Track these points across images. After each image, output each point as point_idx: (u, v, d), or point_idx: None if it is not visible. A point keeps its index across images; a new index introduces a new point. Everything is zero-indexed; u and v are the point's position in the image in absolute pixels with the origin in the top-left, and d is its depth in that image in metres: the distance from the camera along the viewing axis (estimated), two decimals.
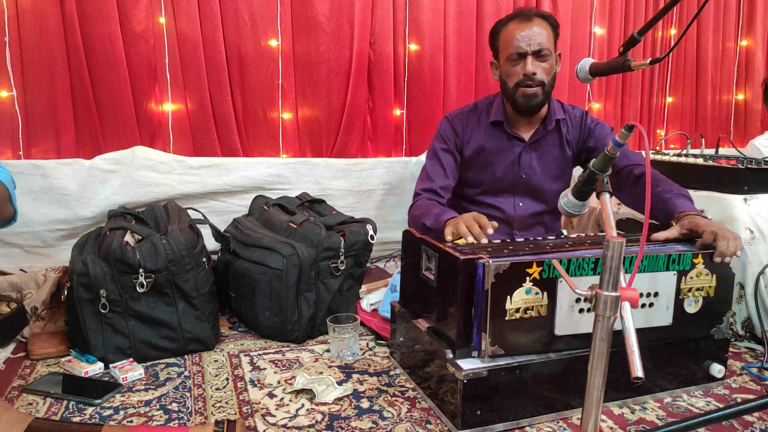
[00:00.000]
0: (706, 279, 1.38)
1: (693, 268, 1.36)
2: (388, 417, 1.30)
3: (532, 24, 1.72)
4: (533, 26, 1.71)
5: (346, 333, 1.59)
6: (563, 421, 1.30)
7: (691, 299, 1.37)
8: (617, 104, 2.93)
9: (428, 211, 1.71)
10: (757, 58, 3.18)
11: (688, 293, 1.37)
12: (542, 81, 1.73)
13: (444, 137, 1.89)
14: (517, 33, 1.72)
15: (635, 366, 0.89)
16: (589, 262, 1.25)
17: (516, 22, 1.75)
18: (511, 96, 1.77)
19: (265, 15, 2.17)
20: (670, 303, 1.35)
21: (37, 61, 1.91)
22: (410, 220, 1.86)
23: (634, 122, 1.04)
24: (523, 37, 1.71)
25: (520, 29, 1.72)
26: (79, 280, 1.50)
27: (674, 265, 1.34)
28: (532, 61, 1.72)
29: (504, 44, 1.77)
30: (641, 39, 1.28)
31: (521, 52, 1.72)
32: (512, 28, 1.75)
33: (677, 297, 1.36)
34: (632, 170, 1.70)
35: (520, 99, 1.75)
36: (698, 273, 1.36)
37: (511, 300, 1.21)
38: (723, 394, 1.44)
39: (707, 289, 1.38)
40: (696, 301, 1.38)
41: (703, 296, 1.38)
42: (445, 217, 1.60)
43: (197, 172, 2.08)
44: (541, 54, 1.72)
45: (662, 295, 1.34)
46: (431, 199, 1.82)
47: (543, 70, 1.73)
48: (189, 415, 1.30)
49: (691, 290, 1.37)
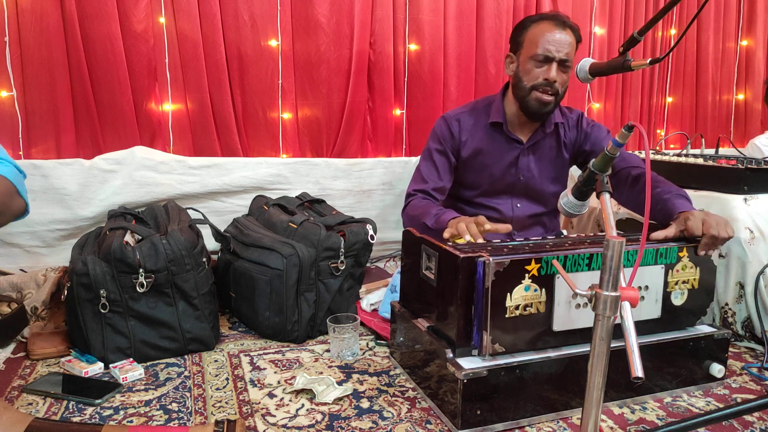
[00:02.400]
0: (691, 272, 1.42)
1: (679, 261, 1.40)
2: (388, 417, 1.30)
3: (564, 31, 1.68)
4: (565, 34, 1.68)
5: (346, 333, 1.59)
6: (563, 421, 1.30)
7: (678, 292, 1.41)
8: (617, 104, 2.93)
9: (427, 211, 1.69)
10: (757, 58, 3.18)
11: (674, 286, 1.40)
12: (558, 91, 1.71)
13: (440, 138, 1.86)
14: (549, 35, 1.67)
15: (635, 366, 0.89)
16: (584, 257, 1.27)
17: (550, 24, 1.69)
18: (524, 96, 1.73)
19: (265, 15, 2.17)
20: (659, 296, 1.39)
21: (37, 61, 1.91)
22: (406, 220, 1.82)
23: (634, 122, 1.04)
24: (555, 41, 1.67)
25: (552, 32, 1.67)
26: (79, 280, 1.50)
27: (662, 258, 1.37)
28: (556, 68, 1.68)
29: (531, 42, 1.71)
30: (641, 39, 1.28)
31: (549, 56, 1.67)
32: (545, 28, 1.69)
33: (665, 290, 1.39)
34: (630, 172, 1.70)
35: (533, 102, 1.72)
36: (683, 266, 1.40)
37: (511, 297, 1.22)
38: (723, 394, 1.43)
39: (692, 281, 1.42)
40: (682, 294, 1.42)
41: (688, 288, 1.42)
42: (446, 217, 1.59)
43: (197, 172, 2.08)
44: (566, 64, 1.69)
45: (651, 289, 1.37)
46: (426, 200, 1.80)
47: (562, 81, 1.71)
48: (189, 415, 1.30)
49: (677, 283, 1.40)
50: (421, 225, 1.68)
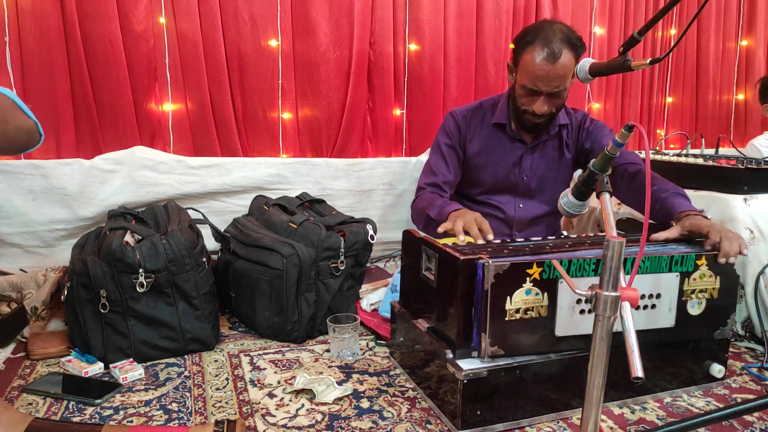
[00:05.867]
0: (710, 281, 1.36)
1: (696, 269, 1.34)
2: (388, 417, 1.30)
3: (557, 64, 1.61)
4: (557, 66, 1.61)
5: (346, 333, 1.59)
6: (563, 421, 1.30)
7: (695, 301, 1.36)
8: (617, 104, 2.93)
9: (432, 202, 1.73)
10: (757, 58, 3.18)
11: (691, 295, 1.35)
12: (551, 113, 1.73)
13: (448, 133, 1.90)
14: (538, 70, 1.62)
15: (635, 366, 0.89)
16: (590, 263, 1.25)
17: (541, 55, 1.61)
18: (518, 114, 1.78)
19: (265, 15, 2.17)
20: (673, 305, 1.34)
21: (37, 61, 1.91)
22: (414, 212, 1.87)
23: (634, 122, 1.05)
24: (543, 77, 1.62)
25: (542, 67, 1.61)
26: (79, 280, 1.50)
27: (677, 266, 1.32)
28: (544, 100, 1.68)
29: (523, 70, 1.68)
30: (641, 39, 1.28)
31: (537, 90, 1.66)
32: (536, 59, 1.62)
33: (680, 299, 1.34)
34: (627, 168, 1.70)
35: (527, 122, 1.77)
36: (702, 275, 1.35)
37: (511, 300, 1.21)
38: (723, 394, 1.43)
39: (711, 291, 1.37)
40: (699, 303, 1.36)
41: (706, 298, 1.37)
42: (449, 209, 1.61)
43: (197, 172, 2.08)
44: (558, 95, 1.68)
45: (665, 297, 1.33)
46: (435, 193, 1.83)
47: (554, 105, 1.71)
48: (189, 415, 1.30)
49: (694, 292, 1.35)
50: (426, 216, 1.70)
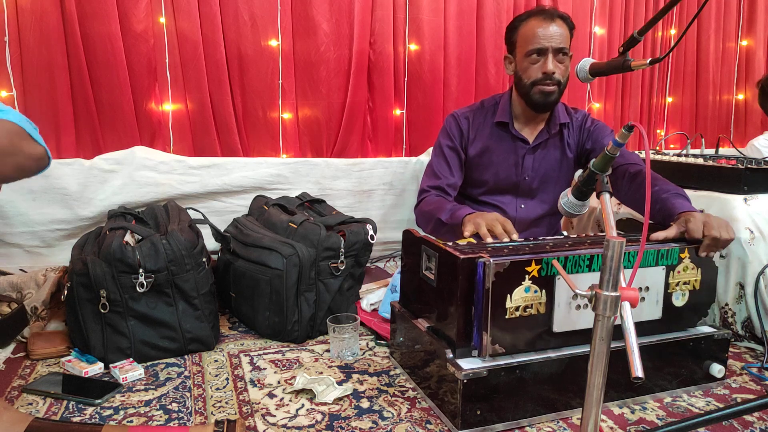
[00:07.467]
0: (692, 273, 1.41)
1: (680, 262, 1.39)
2: (388, 417, 1.30)
3: (553, 23, 1.71)
4: (555, 25, 1.70)
5: (346, 333, 1.59)
6: (563, 421, 1.30)
7: (679, 293, 1.41)
8: (617, 104, 2.93)
9: (441, 206, 1.73)
10: (757, 58, 3.18)
11: (675, 287, 1.40)
12: (559, 81, 1.73)
13: (450, 134, 1.90)
14: (539, 30, 1.70)
15: (635, 366, 0.89)
16: (585, 258, 1.27)
17: (538, 19, 1.73)
18: (527, 93, 1.76)
19: (265, 15, 2.17)
20: (660, 297, 1.38)
21: (37, 61, 1.91)
22: (419, 216, 1.86)
23: (634, 122, 1.05)
24: (545, 34, 1.70)
25: (541, 26, 1.70)
26: (79, 280, 1.50)
27: (663, 260, 1.37)
28: (552, 60, 1.71)
29: (523, 40, 1.74)
30: (641, 39, 1.28)
31: (542, 48, 1.70)
32: (534, 24, 1.72)
33: (666, 291, 1.39)
34: (627, 168, 1.70)
35: (536, 96, 1.74)
36: (685, 267, 1.40)
37: (511, 298, 1.22)
38: (723, 394, 1.43)
39: (693, 282, 1.42)
40: (683, 295, 1.42)
41: (689, 290, 1.42)
42: (462, 212, 1.60)
43: (197, 172, 2.08)
44: (562, 53, 1.72)
45: (652, 290, 1.37)
46: (440, 196, 1.83)
47: (560, 71, 1.73)
48: (189, 415, 1.30)
49: (678, 284, 1.40)
50: (435, 220, 1.69)
